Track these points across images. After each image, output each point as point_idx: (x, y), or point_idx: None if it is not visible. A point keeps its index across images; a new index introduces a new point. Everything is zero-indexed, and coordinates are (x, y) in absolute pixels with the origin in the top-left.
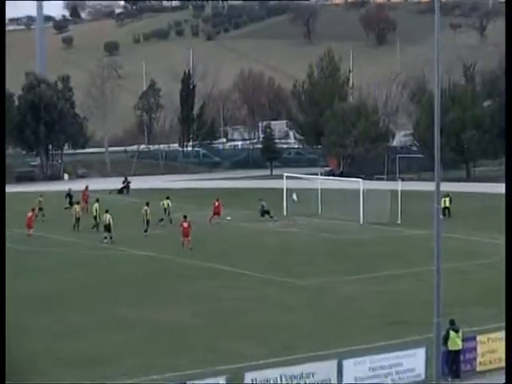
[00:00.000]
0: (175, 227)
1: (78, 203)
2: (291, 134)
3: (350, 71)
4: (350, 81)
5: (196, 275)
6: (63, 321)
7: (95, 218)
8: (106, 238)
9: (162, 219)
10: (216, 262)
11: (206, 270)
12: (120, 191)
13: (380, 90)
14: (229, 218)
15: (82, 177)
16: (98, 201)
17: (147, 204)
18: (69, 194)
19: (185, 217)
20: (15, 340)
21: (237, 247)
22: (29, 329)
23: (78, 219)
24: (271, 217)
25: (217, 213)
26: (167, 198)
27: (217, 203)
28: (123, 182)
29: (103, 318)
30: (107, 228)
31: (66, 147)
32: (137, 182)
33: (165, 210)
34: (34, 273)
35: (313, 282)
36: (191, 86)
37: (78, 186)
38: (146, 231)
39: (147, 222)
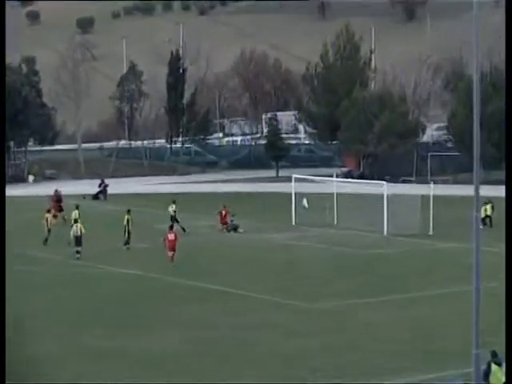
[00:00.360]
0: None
1: (48, 211)
2: (301, 127)
3: (371, 52)
4: (372, 63)
5: (188, 297)
6: (34, 348)
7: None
8: (78, 252)
9: (184, 229)
10: (211, 282)
11: (200, 290)
12: (95, 196)
13: (408, 75)
14: (241, 230)
15: (50, 179)
16: (77, 208)
17: (129, 212)
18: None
19: (171, 227)
20: None
21: (236, 264)
22: None
23: (49, 230)
24: (235, 230)
25: (225, 222)
26: (173, 202)
27: (224, 211)
28: (99, 186)
29: (75, 347)
30: (77, 241)
31: (30, 143)
32: (116, 186)
33: (172, 217)
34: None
35: (326, 305)
36: (180, 70)
37: (44, 189)
38: (127, 244)
39: (129, 233)
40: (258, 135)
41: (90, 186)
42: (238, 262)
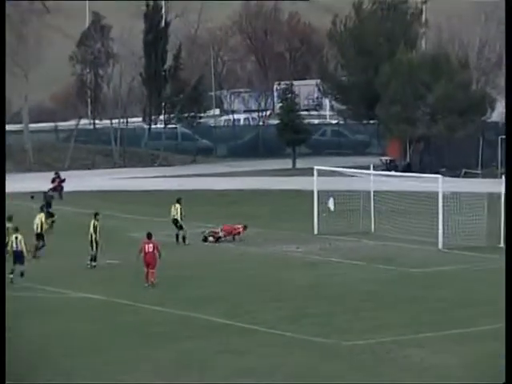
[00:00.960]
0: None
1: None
2: (326, 102)
3: (422, 0)
4: (423, 15)
5: (175, 333)
6: None
7: (39, 237)
8: (22, 274)
9: (184, 239)
10: (210, 311)
11: (193, 323)
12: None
13: (471, 32)
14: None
15: None
16: (42, 209)
17: (96, 216)
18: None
19: (149, 235)
20: None
21: (243, 286)
22: None
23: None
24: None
25: (237, 233)
26: (178, 200)
27: (240, 228)
28: (53, 181)
29: None
30: (18, 257)
31: None
32: (75, 181)
33: (176, 221)
34: None
35: (362, 342)
36: (162, 24)
37: None
38: (92, 260)
39: (96, 244)
40: (268, 112)
41: (41, 182)
42: (246, 283)
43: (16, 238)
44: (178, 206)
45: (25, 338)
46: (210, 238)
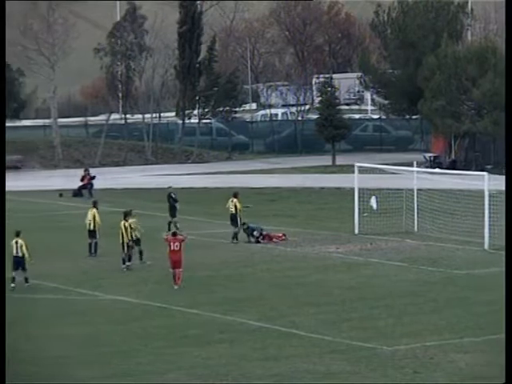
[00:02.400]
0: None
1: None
2: (368, 95)
3: None
4: (469, 6)
5: (210, 336)
6: None
7: (91, 234)
8: (25, 279)
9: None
10: (246, 314)
11: (229, 326)
12: (77, 193)
13: None
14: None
15: (13, 168)
16: (95, 205)
17: (126, 216)
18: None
19: (174, 234)
20: None
21: (280, 288)
22: None
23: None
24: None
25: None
26: (235, 195)
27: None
28: (82, 178)
29: None
30: (18, 262)
31: None
32: (106, 178)
33: (234, 216)
34: None
35: (404, 347)
36: (196, 14)
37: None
38: (125, 262)
39: (127, 247)
40: (307, 107)
41: (69, 179)
42: (278, 285)
43: (16, 242)
44: (235, 200)
45: (53, 340)
46: (255, 233)
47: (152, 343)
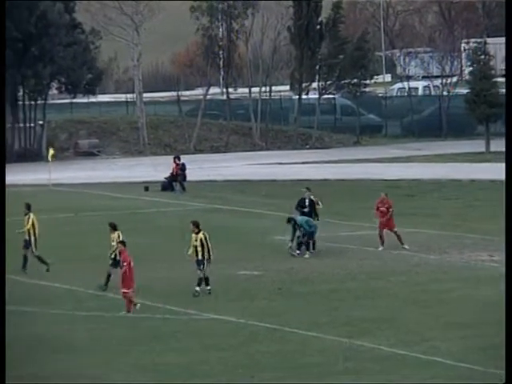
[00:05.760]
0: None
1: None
2: None
3: None
4: None
5: (333, 365)
6: None
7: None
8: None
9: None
10: (376, 338)
11: (356, 352)
12: (167, 185)
13: None
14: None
15: (89, 155)
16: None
17: (197, 226)
18: None
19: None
20: None
21: (418, 306)
22: None
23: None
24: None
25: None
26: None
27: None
28: (174, 169)
29: None
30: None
31: (53, 92)
32: (202, 167)
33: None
34: None
35: None
36: None
37: (76, 173)
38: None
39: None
40: (455, 79)
41: (157, 168)
42: (415, 302)
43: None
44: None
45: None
46: (298, 233)
47: (259, 374)
